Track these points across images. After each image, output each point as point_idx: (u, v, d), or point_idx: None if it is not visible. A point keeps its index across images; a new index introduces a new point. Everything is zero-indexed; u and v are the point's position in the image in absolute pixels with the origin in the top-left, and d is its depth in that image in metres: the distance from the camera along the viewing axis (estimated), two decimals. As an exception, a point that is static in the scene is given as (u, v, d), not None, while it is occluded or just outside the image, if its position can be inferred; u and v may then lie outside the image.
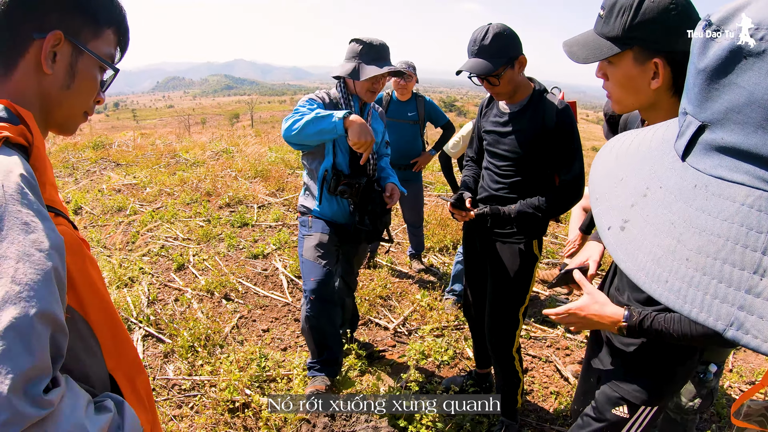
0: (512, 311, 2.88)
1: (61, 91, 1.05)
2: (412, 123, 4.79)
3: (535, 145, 2.63)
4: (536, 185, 2.73)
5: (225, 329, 4.10)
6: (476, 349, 3.44)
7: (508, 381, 3.05)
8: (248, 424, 3.08)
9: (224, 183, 8.30)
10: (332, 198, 3.08)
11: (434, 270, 5.46)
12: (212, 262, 5.33)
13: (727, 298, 0.45)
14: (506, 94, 2.65)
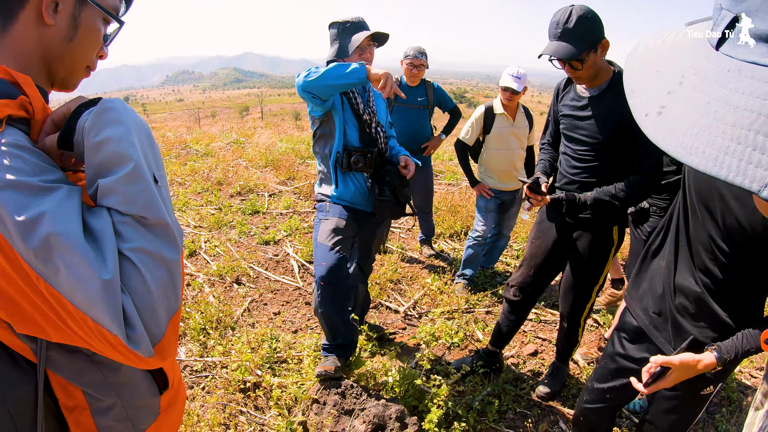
0: (587, 290, 3.01)
1: (63, 43, 1.02)
2: (421, 108, 4.77)
3: (614, 130, 2.60)
4: (615, 171, 2.71)
5: (236, 312, 4.12)
6: (505, 328, 3.40)
7: (570, 343, 3.30)
8: (259, 404, 3.10)
9: (235, 172, 8.32)
10: (348, 179, 3.03)
11: (444, 255, 5.46)
12: (223, 248, 5.36)
13: (761, 163, 0.49)
14: (587, 78, 2.61)
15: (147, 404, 1.24)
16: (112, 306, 0.84)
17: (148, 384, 1.23)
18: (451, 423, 3.02)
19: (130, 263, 0.89)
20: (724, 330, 1.70)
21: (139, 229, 0.91)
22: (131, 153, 0.92)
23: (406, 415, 2.87)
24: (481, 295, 4.57)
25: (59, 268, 0.82)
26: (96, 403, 1.12)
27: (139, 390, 1.21)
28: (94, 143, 0.91)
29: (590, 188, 2.73)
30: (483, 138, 4.55)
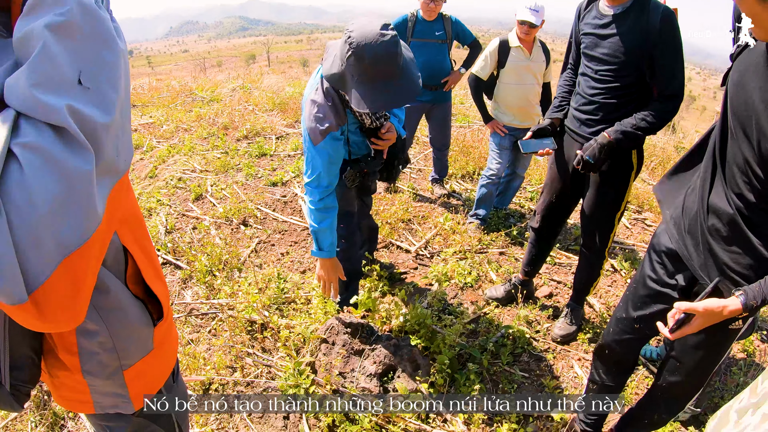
0: (609, 217, 2.90)
1: None
2: (439, 42, 4.56)
3: (636, 49, 2.49)
4: (634, 93, 2.61)
5: (243, 254, 4.02)
6: (530, 258, 3.42)
7: (591, 276, 3.16)
8: (266, 346, 3.01)
9: (242, 116, 8.13)
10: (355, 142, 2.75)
11: (456, 195, 5.30)
12: (230, 191, 5.22)
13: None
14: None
15: (139, 336, 1.16)
16: None
17: (139, 313, 1.14)
18: (464, 365, 2.93)
19: (16, 163, 0.70)
20: (757, 259, 1.57)
21: (41, 126, 0.72)
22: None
23: (417, 355, 2.77)
24: (494, 236, 4.43)
25: None
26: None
27: (129, 318, 1.11)
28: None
29: (609, 109, 2.65)
30: (497, 72, 4.35)
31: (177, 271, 3.84)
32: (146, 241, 1.15)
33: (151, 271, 1.14)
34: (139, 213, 1.15)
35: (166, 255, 3.99)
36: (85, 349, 1.07)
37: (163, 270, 3.83)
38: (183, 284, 3.68)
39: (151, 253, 1.16)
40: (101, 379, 1.13)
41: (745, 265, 1.60)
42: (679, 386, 2.04)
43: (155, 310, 1.19)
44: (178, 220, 4.67)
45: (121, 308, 1.08)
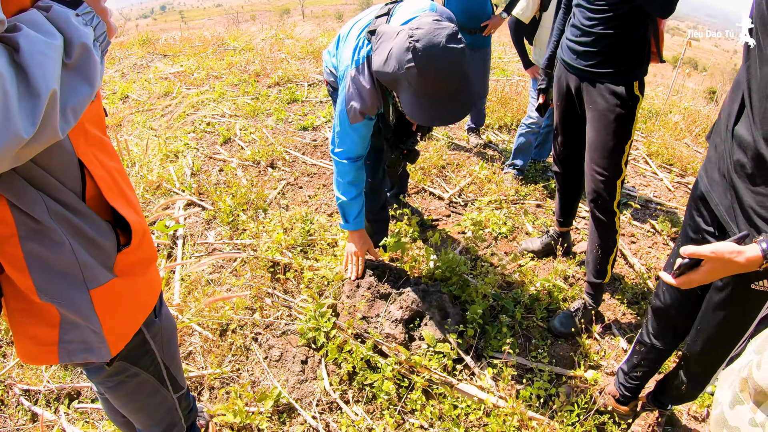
0: (615, 159, 2.49)
1: None
2: None
3: None
4: (630, 22, 2.33)
5: (270, 195, 3.87)
6: (561, 206, 3.16)
7: (604, 243, 2.69)
8: (288, 288, 2.88)
9: (273, 64, 7.94)
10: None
11: (493, 146, 5.05)
12: (259, 134, 5.06)
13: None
14: None
15: (99, 254, 1.02)
16: None
17: (102, 229, 1.03)
18: (495, 317, 2.76)
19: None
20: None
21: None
22: None
23: (447, 303, 2.61)
24: (532, 187, 4.21)
25: None
26: (30, 228, 0.91)
27: (86, 232, 1.00)
28: None
29: (607, 41, 2.37)
30: (539, 16, 4.05)
31: (201, 211, 3.71)
32: (110, 161, 1.06)
33: (115, 193, 1.04)
34: (106, 139, 1.09)
35: (191, 195, 3.86)
36: (35, 258, 0.92)
37: (187, 210, 3.72)
38: (207, 224, 3.56)
39: (116, 176, 1.06)
40: (63, 300, 0.98)
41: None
42: (700, 357, 1.85)
43: (124, 235, 1.09)
44: (204, 162, 4.54)
45: (77, 217, 0.98)
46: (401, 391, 2.30)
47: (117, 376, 1.23)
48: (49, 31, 0.77)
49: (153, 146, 4.76)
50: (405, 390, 2.30)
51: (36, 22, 0.77)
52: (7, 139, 0.67)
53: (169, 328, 1.37)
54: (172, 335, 1.37)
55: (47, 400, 2.33)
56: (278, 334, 2.59)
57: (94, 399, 2.31)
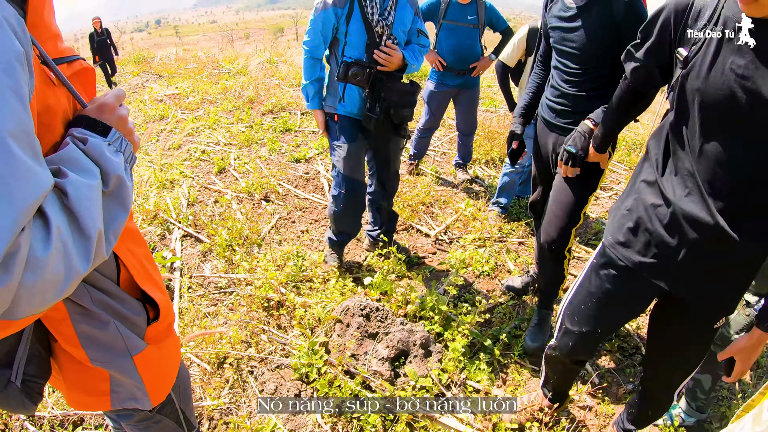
0: (575, 209, 2.66)
1: None
2: (471, 27, 4.50)
3: (603, 41, 2.41)
4: (607, 86, 2.47)
5: (263, 229, 4.04)
6: (539, 248, 3.24)
7: (554, 278, 2.96)
8: (282, 323, 3.04)
9: (267, 90, 8.14)
10: (353, 91, 3.03)
11: (479, 181, 5.26)
12: (253, 165, 5.24)
13: None
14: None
15: (133, 326, 1.20)
16: None
17: (135, 307, 1.20)
18: (476, 353, 2.93)
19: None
20: None
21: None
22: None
23: (430, 341, 2.78)
24: (515, 225, 4.40)
25: None
26: (79, 312, 1.08)
27: (124, 310, 1.17)
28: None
29: (582, 102, 2.54)
30: (525, 59, 4.28)
31: (197, 244, 3.87)
32: (138, 248, 1.21)
33: (144, 277, 1.20)
34: (133, 225, 1.23)
35: (187, 228, 4.03)
36: (86, 336, 1.10)
37: (184, 242, 3.88)
38: (203, 257, 3.72)
39: (144, 262, 1.22)
40: (112, 366, 1.16)
41: None
42: (662, 384, 2.05)
43: (153, 310, 1.25)
44: (200, 192, 4.71)
45: (116, 302, 1.14)
46: (387, 424, 2.46)
47: (144, 421, 1.41)
48: (88, 170, 0.87)
49: (149, 174, 4.92)
50: (390, 423, 2.46)
51: (75, 160, 0.87)
52: (72, 278, 0.78)
53: (185, 378, 1.54)
54: (187, 385, 1.55)
55: (51, 426, 2.45)
56: (273, 368, 2.74)
57: (98, 426, 2.45)
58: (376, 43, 2.91)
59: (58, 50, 0.98)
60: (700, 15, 1.50)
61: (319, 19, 2.87)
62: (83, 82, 1.05)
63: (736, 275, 1.63)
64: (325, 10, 2.85)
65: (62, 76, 0.94)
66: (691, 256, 1.62)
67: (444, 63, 4.55)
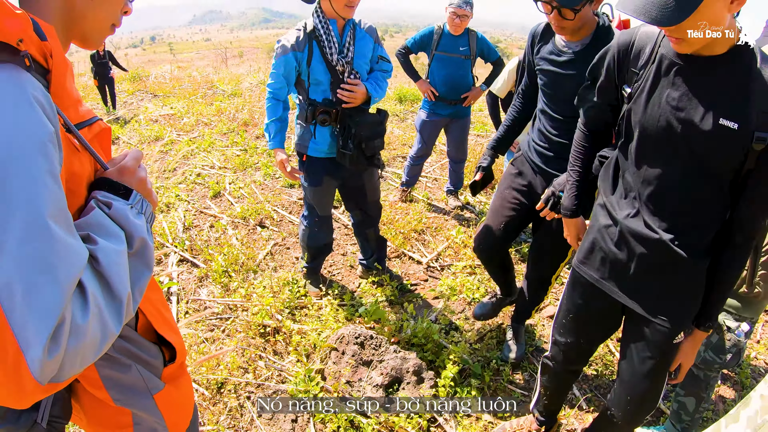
0: (564, 247, 2.66)
1: (85, 2, 1.00)
2: (463, 57, 4.63)
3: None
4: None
5: (259, 255, 4.13)
6: (499, 280, 3.30)
7: (533, 300, 3.11)
8: (278, 349, 3.11)
9: (262, 113, 8.24)
10: (323, 129, 3.07)
11: (470, 208, 5.37)
12: (248, 190, 5.34)
13: None
14: (572, 30, 2.33)
15: (153, 368, 1.27)
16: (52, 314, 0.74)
17: (153, 350, 1.28)
18: (466, 379, 3.01)
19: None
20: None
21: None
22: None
23: (423, 369, 2.87)
24: (505, 251, 4.50)
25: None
26: (102, 357, 1.13)
27: (143, 353, 1.24)
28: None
29: (567, 150, 2.43)
30: (515, 90, 4.40)
31: (194, 269, 3.95)
32: (154, 294, 1.28)
33: (160, 321, 1.27)
34: (152, 279, 1.29)
35: (183, 252, 4.10)
36: (109, 378, 1.18)
37: (180, 267, 3.95)
38: (199, 282, 3.79)
39: (159, 307, 1.29)
40: (134, 405, 1.24)
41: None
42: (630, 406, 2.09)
43: (168, 352, 1.32)
44: (195, 216, 4.79)
45: (135, 347, 1.22)
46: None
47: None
48: (115, 234, 0.94)
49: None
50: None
51: (102, 226, 0.93)
52: (107, 339, 0.85)
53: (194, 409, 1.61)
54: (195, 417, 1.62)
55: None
56: (270, 393, 2.82)
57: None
58: (339, 80, 2.96)
59: (79, 115, 1.04)
60: (641, 54, 1.67)
61: (280, 63, 2.93)
62: (102, 142, 1.11)
63: (686, 291, 1.78)
64: (285, 55, 2.91)
65: (85, 141, 1.01)
66: (642, 271, 1.79)
67: (436, 93, 4.68)
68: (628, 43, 1.70)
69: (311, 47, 2.90)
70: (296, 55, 2.91)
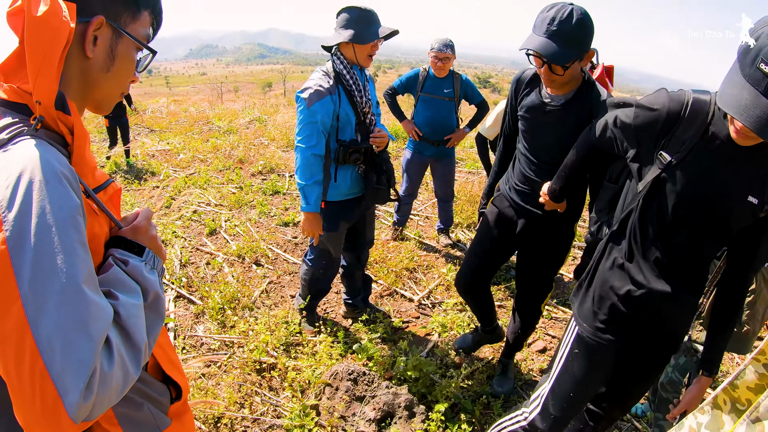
0: (549, 279, 2.97)
1: (100, 73, 1.08)
2: (447, 99, 4.78)
3: (578, 135, 2.46)
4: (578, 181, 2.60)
5: (254, 293, 4.22)
6: (481, 315, 3.39)
7: (524, 332, 3.23)
8: (273, 385, 3.20)
9: (257, 151, 8.41)
10: (343, 171, 3.16)
11: (461, 245, 5.50)
12: (243, 228, 5.45)
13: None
14: (560, 84, 2.44)
15: (160, 405, 1.36)
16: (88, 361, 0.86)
17: (159, 388, 1.36)
18: (458, 414, 3.10)
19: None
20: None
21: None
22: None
23: (414, 404, 2.96)
24: (494, 289, 4.61)
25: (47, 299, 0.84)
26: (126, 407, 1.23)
27: (152, 391, 1.33)
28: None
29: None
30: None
31: (190, 305, 4.04)
32: (162, 338, 1.36)
33: (166, 361, 1.36)
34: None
35: (180, 289, 4.20)
36: (124, 416, 1.26)
37: (177, 304, 4.04)
38: (196, 319, 3.88)
39: (168, 351, 1.38)
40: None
41: None
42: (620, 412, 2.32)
43: (174, 390, 1.41)
44: (192, 254, 4.89)
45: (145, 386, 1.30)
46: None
47: None
48: (133, 290, 1.03)
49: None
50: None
51: (122, 282, 1.02)
52: (128, 384, 0.96)
53: None
54: None
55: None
56: (265, 428, 2.89)
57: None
58: (362, 122, 3.12)
59: (95, 180, 1.12)
60: (691, 125, 1.70)
61: (317, 109, 2.88)
62: (114, 202, 1.20)
63: (685, 324, 1.97)
64: (323, 99, 2.89)
65: (103, 206, 1.09)
66: (658, 324, 1.92)
67: (420, 133, 4.85)
68: (679, 111, 1.71)
69: (338, 89, 2.99)
70: (332, 98, 2.95)
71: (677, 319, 1.92)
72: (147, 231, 1.18)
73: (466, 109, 5.22)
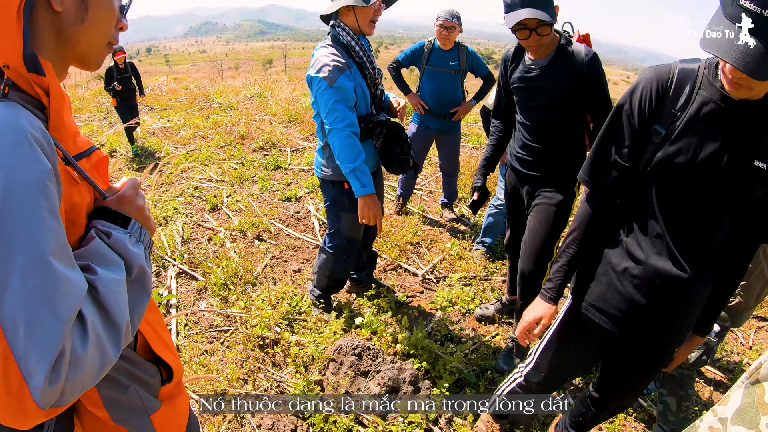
0: (549, 244, 2.95)
1: (74, 26, 0.99)
2: (453, 72, 4.71)
3: (568, 96, 2.68)
4: (573, 139, 2.83)
5: (257, 268, 4.18)
6: (511, 280, 3.55)
7: (538, 273, 3.18)
8: (276, 360, 3.16)
9: (258, 127, 8.33)
10: (367, 147, 3.02)
11: (465, 220, 5.44)
12: (245, 203, 5.40)
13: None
14: (545, 46, 2.65)
15: (151, 388, 1.31)
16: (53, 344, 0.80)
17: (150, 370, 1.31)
18: (462, 389, 3.07)
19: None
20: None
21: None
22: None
23: (419, 378, 2.92)
24: (499, 264, 4.57)
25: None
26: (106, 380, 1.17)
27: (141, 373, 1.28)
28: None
29: (547, 155, 2.85)
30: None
31: (192, 281, 4.00)
32: (152, 315, 1.32)
33: (157, 341, 1.31)
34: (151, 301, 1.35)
35: (182, 265, 4.15)
36: (109, 399, 1.22)
37: (179, 280, 4.01)
38: (198, 295, 3.84)
39: (157, 328, 1.33)
40: (132, 424, 1.27)
41: None
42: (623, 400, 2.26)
43: (165, 371, 1.36)
44: (194, 230, 4.85)
45: (134, 367, 1.25)
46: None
47: None
48: (114, 263, 0.97)
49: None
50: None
51: (102, 255, 0.96)
52: (106, 366, 0.90)
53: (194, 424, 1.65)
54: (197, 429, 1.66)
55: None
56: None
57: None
58: (375, 93, 3.03)
59: (77, 146, 1.05)
60: (680, 93, 1.64)
61: (342, 84, 2.73)
62: (100, 170, 1.13)
63: (695, 314, 1.89)
64: (344, 73, 2.74)
65: (84, 173, 1.02)
66: (658, 306, 1.81)
67: (426, 106, 4.77)
68: (666, 80, 1.65)
69: (351, 64, 2.84)
70: (351, 72, 2.81)
71: (677, 304, 1.80)
72: (133, 201, 1.11)
73: (471, 83, 5.13)
